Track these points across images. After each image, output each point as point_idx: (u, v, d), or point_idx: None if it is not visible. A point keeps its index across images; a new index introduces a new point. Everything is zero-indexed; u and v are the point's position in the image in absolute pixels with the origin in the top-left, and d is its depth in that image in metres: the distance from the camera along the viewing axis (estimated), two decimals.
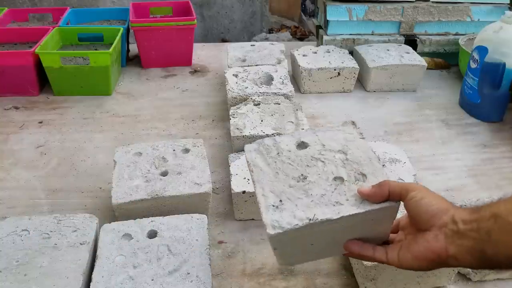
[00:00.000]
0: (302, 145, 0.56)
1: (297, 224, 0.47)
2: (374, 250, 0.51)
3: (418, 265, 0.47)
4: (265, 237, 0.71)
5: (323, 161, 0.53)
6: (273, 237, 0.47)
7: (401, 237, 0.52)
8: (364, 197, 0.49)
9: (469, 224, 0.44)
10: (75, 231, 0.62)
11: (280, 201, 0.49)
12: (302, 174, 0.52)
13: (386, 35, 1.26)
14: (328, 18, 1.21)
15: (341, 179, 0.51)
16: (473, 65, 1.01)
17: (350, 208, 0.48)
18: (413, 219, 0.49)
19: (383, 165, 0.55)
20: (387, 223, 0.51)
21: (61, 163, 0.88)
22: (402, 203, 0.49)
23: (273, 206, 0.49)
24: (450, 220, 0.45)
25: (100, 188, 0.81)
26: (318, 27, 1.31)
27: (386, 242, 0.53)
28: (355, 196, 0.49)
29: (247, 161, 0.54)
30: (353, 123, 0.59)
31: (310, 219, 0.47)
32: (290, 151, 0.55)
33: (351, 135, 0.57)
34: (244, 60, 1.14)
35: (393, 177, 0.72)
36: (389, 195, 0.48)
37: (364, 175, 0.52)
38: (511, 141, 0.97)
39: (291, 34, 2.45)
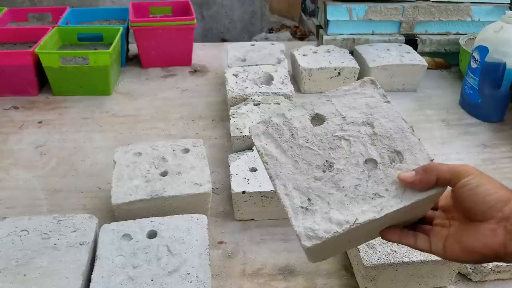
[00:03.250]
0: (317, 119, 0.48)
1: (336, 232, 0.40)
2: (415, 239, 0.45)
3: (468, 259, 0.42)
4: (265, 237, 0.72)
5: (347, 140, 0.46)
6: (310, 248, 0.41)
7: (443, 221, 0.46)
8: (408, 185, 0.42)
9: None
10: (75, 231, 0.62)
11: (309, 199, 0.43)
12: (326, 161, 0.45)
13: (386, 34, 1.25)
14: (328, 18, 1.21)
15: (373, 161, 0.44)
16: (473, 65, 1.01)
17: (392, 202, 0.41)
18: (466, 208, 0.42)
19: (419, 139, 0.46)
20: (428, 206, 0.46)
21: (60, 163, 0.88)
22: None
23: (302, 207, 0.42)
24: None
25: (100, 188, 0.81)
26: (318, 26, 1.30)
27: (422, 218, 0.48)
28: (394, 183, 0.42)
29: (258, 150, 0.46)
30: (373, 81, 0.50)
31: (350, 224, 0.41)
32: (305, 129, 0.47)
33: (373, 99, 0.48)
34: (244, 60, 1.14)
35: None
36: (437, 181, 0.42)
37: (399, 153, 0.44)
38: (511, 141, 0.97)
39: (291, 34, 2.45)
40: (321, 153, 0.45)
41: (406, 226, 0.48)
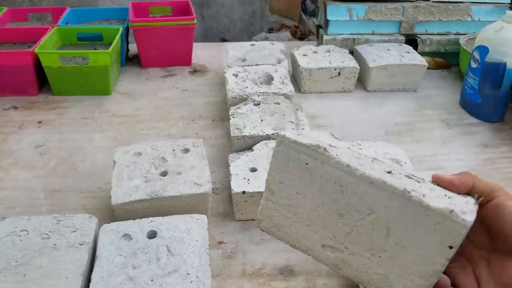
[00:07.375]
0: None
1: None
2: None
3: None
4: (265, 237, 0.72)
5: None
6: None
7: (473, 252, 0.39)
8: (445, 185, 0.37)
9: None
10: (75, 231, 0.62)
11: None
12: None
13: (386, 34, 1.25)
14: (328, 18, 1.21)
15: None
16: (473, 65, 1.01)
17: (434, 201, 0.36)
18: (500, 235, 0.36)
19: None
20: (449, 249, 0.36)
21: (60, 163, 0.87)
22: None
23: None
24: None
25: (100, 188, 0.81)
26: (318, 26, 1.30)
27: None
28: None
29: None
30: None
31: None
32: None
33: None
34: (244, 60, 1.14)
35: None
36: (472, 188, 0.38)
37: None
38: (511, 141, 0.97)
39: (291, 34, 2.45)
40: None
41: None
